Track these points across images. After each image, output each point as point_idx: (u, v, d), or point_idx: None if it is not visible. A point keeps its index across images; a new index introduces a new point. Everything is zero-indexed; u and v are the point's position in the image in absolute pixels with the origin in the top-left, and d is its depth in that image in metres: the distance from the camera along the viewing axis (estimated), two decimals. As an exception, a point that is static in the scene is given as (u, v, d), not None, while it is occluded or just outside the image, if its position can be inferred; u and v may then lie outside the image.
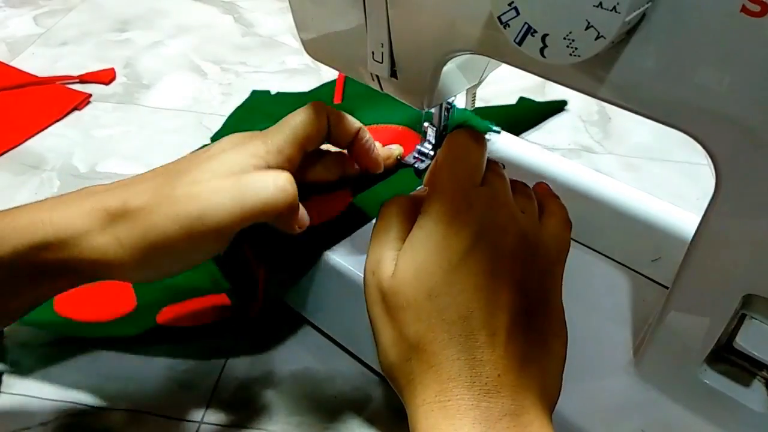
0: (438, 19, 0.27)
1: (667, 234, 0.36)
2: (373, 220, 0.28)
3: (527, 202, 0.26)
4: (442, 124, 0.39)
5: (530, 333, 0.23)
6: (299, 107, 0.37)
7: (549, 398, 0.23)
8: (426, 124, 0.39)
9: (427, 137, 0.40)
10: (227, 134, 0.60)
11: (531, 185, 0.39)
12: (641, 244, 0.35)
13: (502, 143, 0.43)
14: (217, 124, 0.59)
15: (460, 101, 0.41)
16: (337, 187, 0.37)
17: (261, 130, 0.62)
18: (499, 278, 0.22)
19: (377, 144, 0.34)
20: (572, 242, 0.35)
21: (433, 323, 0.22)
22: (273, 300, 0.38)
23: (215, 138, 0.56)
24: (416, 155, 0.40)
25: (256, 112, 0.59)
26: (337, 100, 0.59)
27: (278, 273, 0.36)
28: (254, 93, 0.62)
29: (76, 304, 0.37)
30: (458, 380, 0.21)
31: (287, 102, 0.60)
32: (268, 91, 0.62)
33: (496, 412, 0.21)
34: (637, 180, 0.53)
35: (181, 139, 0.57)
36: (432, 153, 0.40)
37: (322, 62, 0.37)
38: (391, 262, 0.24)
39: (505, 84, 0.64)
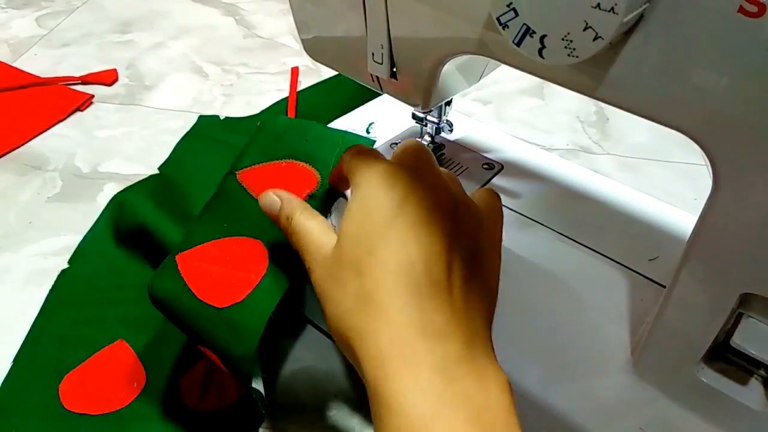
0: (437, 20, 0.27)
1: (665, 234, 0.36)
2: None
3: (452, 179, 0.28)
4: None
5: (471, 281, 0.24)
6: (249, 132, 0.34)
7: (490, 343, 0.24)
8: (429, 118, 0.39)
9: (425, 132, 0.40)
10: (177, 163, 0.53)
11: (529, 186, 0.39)
12: (639, 244, 0.35)
13: (501, 144, 0.43)
14: (218, 125, 0.59)
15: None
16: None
17: (211, 158, 0.54)
18: (434, 229, 0.23)
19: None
20: (571, 242, 0.35)
21: (377, 275, 0.23)
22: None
23: (163, 168, 0.53)
24: None
25: (205, 139, 0.57)
26: None
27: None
28: (201, 118, 0.59)
29: (86, 397, 0.35)
30: (410, 327, 0.22)
31: (236, 127, 0.58)
32: (217, 116, 0.59)
33: (452, 356, 0.21)
34: (634, 180, 0.53)
35: (183, 140, 0.57)
36: (431, 146, 0.40)
37: (322, 63, 0.37)
38: (329, 241, 0.25)
39: (504, 85, 0.64)
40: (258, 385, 0.31)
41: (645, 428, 0.27)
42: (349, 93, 0.60)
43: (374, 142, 0.37)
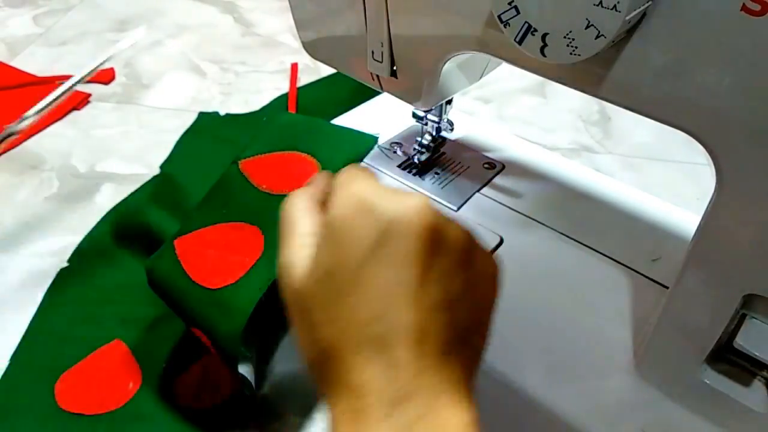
0: (438, 18, 0.27)
1: (668, 234, 0.35)
2: None
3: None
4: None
5: (449, 331, 0.21)
6: (250, 128, 0.33)
7: (468, 388, 0.22)
8: (429, 117, 0.39)
9: (426, 130, 0.40)
10: (178, 161, 0.53)
11: (531, 185, 0.39)
12: (641, 244, 0.35)
13: (502, 143, 0.43)
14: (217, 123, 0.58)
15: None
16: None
17: (212, 154, 0.52)
18: (410, 274, 0.21)
19: None
20: (573, 242, 0.35)
21: (344, 326, 0.21)
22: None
23: (164, 166, 0.53)
24: (416, 147, 0.40)
25: (206, 135, 0.56)
26: None
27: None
28: (202, 115, 0.59)
29: (82, 397, 0.35)
30: (370, 385, 0.20)
31: (237, 123, 0.58)
32: (217, 113, 0.59)
33: (412, 416, 0.20)
34: (637, 180, 0.53)
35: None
36: (431, 145, 0.40)
37: (321, 62, 0.37)
38: (302, 262, 0.22)
39: (506, 83, 0.64)
40: (248, 373, 0.31)
41: (647, 430, 0.27)
42: (350, 90, 0.60)
43: (376, 138, 0.36)
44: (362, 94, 0.50)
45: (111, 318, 0.39)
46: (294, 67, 0.66)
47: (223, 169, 0.35)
